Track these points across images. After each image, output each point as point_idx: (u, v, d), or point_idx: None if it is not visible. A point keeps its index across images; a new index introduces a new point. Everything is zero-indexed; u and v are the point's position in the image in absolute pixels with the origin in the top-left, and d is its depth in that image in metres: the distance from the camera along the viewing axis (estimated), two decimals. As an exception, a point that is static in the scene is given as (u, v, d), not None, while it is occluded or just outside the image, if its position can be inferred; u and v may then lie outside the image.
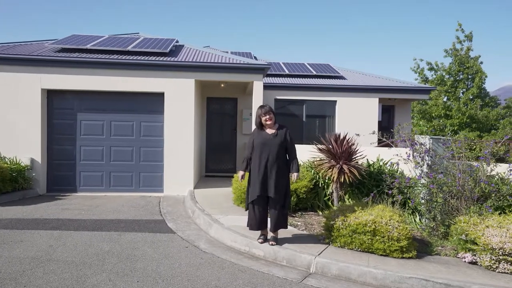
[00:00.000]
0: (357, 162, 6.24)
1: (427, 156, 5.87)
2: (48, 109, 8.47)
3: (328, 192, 6.73)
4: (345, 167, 5.91)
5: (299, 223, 5.79)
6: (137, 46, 8.91)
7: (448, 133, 16.45)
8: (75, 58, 8.21)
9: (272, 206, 4.67)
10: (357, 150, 6.18)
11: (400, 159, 6.60)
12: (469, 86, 17.21)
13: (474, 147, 7.41)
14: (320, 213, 6.52)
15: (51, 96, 8.48)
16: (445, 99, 17.45)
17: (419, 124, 17.24)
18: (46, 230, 5.38)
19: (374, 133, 6.65)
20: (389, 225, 4.55)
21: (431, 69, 18.02)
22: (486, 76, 16.42)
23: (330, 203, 6.71)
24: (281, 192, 4.65)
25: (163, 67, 8.29)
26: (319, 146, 6.40)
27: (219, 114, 11.53)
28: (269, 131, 4.74)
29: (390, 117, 12.55)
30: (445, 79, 17.52)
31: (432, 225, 5.40)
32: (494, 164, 5.34)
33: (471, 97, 16.48)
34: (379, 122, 11.65)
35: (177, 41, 10.01)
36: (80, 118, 8.51)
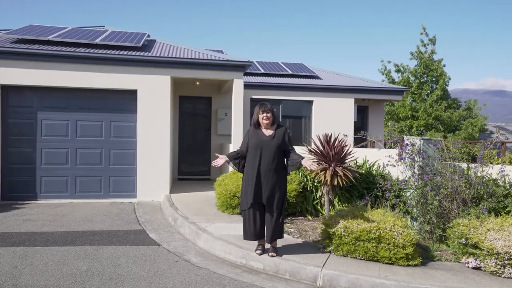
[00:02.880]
0: (349, 165, 6.01)
1: (419, 157, 5.75)
2: (3, 107, 7.53)
3: (318, 196, 6.46)
4: (339, 169, 5.65)
5: (292, 229, 5.45)
6: (106, 39, 8.18)
7: (415, 134, 16.91)
8: (35, 50, 7.35)
9: (268, 214, 4.29)
10: (350, 151, 5.95)
11: (390, 160, 6.46)
12: (433, 88, 17.80)
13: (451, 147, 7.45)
14: (310, 217, 6.24)
15: (7, 93, 7.55)
16: (411, 100, 17.92)
17: (387, 125, 17.58)
18: (6, 247, 4.64)
19: (363, 134, 6.47)
20: (394, 231, 4.33)
21: (397, 71, 18.47)
22: (449, 79, 17.08)
23: (319, 207, 6.44)
24: (279, 199, 4.27)
25: (136, 62, 7.63)
26: (310, 147, 6.10)
27: (192, 114, 10.97)
28: (266, 131, 4.35)
29: (364, 117, 12.59)
30: (411, 81, 18.01)
31: (427, 229, 5.27)
32: (488, 165, 5.31)
33: (435, 99, 17.04)
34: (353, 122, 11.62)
35: (148, 36, 9.35)
36: (41, 117, 7.65)
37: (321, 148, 5.96)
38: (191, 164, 10.86)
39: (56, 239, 4.97)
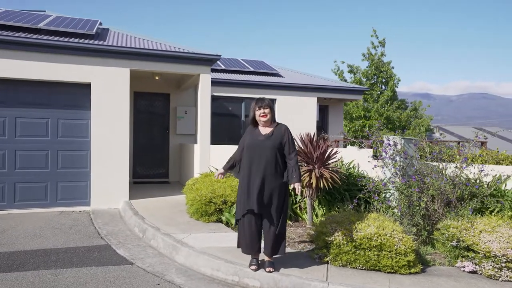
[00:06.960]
0: (333, 166, 5.70)
1: (400, 157, 5.63)
2: None
3: (297, 199, 6.09)
4: (325, 171, 5.32)
5: (277, 237, 5.01)
6: (52, 24, 7.10)
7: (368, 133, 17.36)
8: (-38, 33, 6.14)
9: (266, 225, 3.81)
10: (336, 151, 5.65)
11: (370, 160, 6.30)
12: (383, 89, 18.43)
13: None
14: (291, 223, 5.85)
15: None
16: (363, 101, 18.37)
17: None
18: None
19: (342, 133, 6.24)
20: (395, 237, 4.08)
21: (350, 71, 18.86)
22: (399, 80, 17.80)
23: (299, 212, 6.08)
24: (278, 208, 3.80)
25: (90, 52, 6.68)
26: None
27: (148, 111, 10.10)
28: (263, 130, 3.87)
29: (324, 117, 12.55)
30: (362, 82, 18.49)
31: (414, 231, 5.13)
32: (473, 165, 5.31)
33: (386, 99, 17.63)
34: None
35: (100, 23, 8.35)
36: (-30, 113, 6.43)
37: (303, 148, 5.59)
38: (148, 167, 10.00)
39: (-1, 263, 4.05)
